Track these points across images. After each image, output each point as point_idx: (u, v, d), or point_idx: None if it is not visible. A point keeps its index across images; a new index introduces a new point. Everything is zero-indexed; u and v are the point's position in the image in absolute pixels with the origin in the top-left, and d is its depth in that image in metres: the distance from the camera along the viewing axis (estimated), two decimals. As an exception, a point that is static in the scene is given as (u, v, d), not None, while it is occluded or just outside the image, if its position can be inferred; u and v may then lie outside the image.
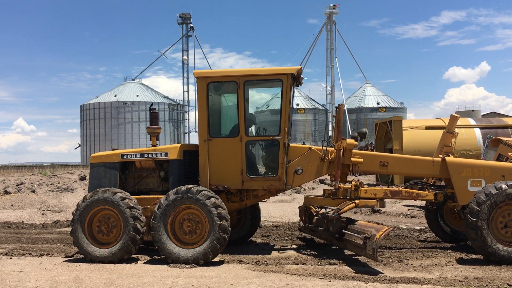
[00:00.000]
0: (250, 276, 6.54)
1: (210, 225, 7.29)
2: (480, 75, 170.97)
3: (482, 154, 16.56)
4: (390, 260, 7.41)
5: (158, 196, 8.02)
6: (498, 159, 9.74)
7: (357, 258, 7.61)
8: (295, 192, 18.95)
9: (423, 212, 12.81)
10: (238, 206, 8.40)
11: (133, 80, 65.35)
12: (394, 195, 8.09)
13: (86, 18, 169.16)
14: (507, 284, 5.96)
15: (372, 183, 20.01)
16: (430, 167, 8.23)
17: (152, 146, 8.84)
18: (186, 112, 65.71)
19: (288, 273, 6.66)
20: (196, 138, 8.26)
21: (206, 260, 7.23)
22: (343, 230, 7.65)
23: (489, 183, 7.51)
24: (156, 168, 8.44)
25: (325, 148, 8.25)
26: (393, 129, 19.41)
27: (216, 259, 7.45)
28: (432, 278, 6.28)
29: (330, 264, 7.19)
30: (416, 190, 8.30)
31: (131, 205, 7.53)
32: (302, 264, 7.23)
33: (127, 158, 8.39)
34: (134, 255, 7.78)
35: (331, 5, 63.44)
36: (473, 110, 55.59)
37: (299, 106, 59.74)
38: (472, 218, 7.16)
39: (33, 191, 18.32)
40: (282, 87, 7.93)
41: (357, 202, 7.76)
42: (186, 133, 65.41)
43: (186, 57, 64.66)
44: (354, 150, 8.26)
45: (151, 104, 10.36)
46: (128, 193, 7.79)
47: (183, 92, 65.54)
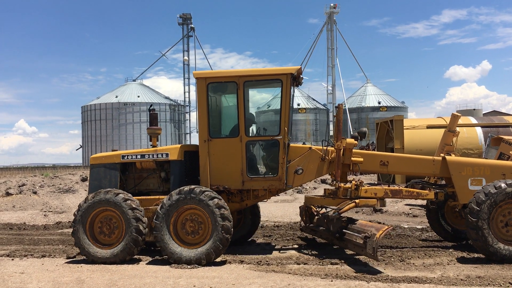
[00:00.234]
0: (252, 276, 6.55)
1: (213, 225, 7.30)
2: (481, 74, 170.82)
3: (483, 153, 16.54)
4: (392, 259, 7.41)
5: (159, 197, 8.02)
6: (499, 158, 9.73)
7: (358, 257, 7.61)
8: (297, 192, 18.95)
9: (425, 211, 12.82)
10: (238, 206, 8.41)
11: (134, 81, 65.35)
12: (395, 195, 8.09)
13: (86, 19, 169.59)
14: (509, 282, 5.96)
15: (373, 183, 20.00)
16: (431, 166, 8.23)
17: (152, 147, 8.86)
18: (187, 112, 65.72)
19: (290, 273, 6.67)
20: (197, 138, 8.27)
21: (209, 260, 7.24)
22: (344, 230, 7.66)
23: (489, 182, 7.49)
24: (157, 168, 8.45)
25: (325, 148, 8.25)
26: (394, 128, 19.37)
27: (218, 260, 7.45)
28: (434, 277, 6.28)
29: (331, 263, 7.19)
30: (416, 189, 8.30)
31: (134, 206, 7.53)
32: (304, 264, 7.24)
33: (128, 159, 8.40)
34: (136, 256, 7.79)
35: (332, 4, 63.32)
36: (474, 109, 55.49)
37: (300, 106, 59.72)
38: (472, 218, 7.16)
39: (34, 193, 18.36)
40: (281, 87, 7.94)
41: (357, 201, 7.78)
42: (187, 133, 65.44)
43: (186, 57, 64.67)
44: (354, 150, 8.26)
45: (151, 105, 10.36)
46: (130, 194, 7.80)
47: (184, 92, 65.60)
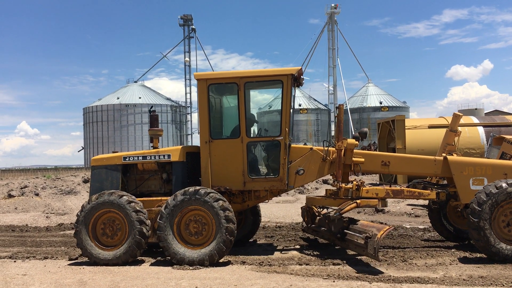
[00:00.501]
0: (253, 277, 6.54)
1: (217, 227, 7.31)
2: (482, 73, 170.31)
3: (485, 152, 16.52)
4: (394, 259, 7.40)
5: (162, 198, 8.03)
6: (501, 157, 9.69)
7: (360, 258, 7.60)
8: (298, 192, 18.95)
9: (427, 211, 12.80)
10: (240, 207, 8.42)
11: (135, 82, 65.48)
12: (396, 195, 8.08)
13: (88, 21, 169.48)
14: None
15: (375, 183, 19.98)
16: (432, 166, 8.22)
17: (153, 148, 8.87)
18: (188, 113, 65.81)
19: (291, 273, 6.66)
20: (198, 139, 8.28)
21: (212, 261, 7.25)
22: (345, 230, 7.65)
23: (491, 182, 7.47)
24: (158, 170, 8.46)
25: (326, 148, 8.25)
26: (396, 128, 19.36)
27: (220, 260, 7.45)
28: (436, 278, 6.26)
29: (333, 264, 7.18)
30: (418, 189, 8.29)
31: (138, 208, 7.53)
32: (306, 264, 7.23)
33: (129, 160, 8.41)
34: (138, 257, 7.79)
35: (333, 5, 63.36)
36: (476, 109, 55.40)
37: (302, 106, 59.73)
38: (474, 219, 7.14)
39: (37, 194, 18.41)
40: (282, 88, 7.94)
41: (358, 202, 7.76)
42: (188, 134, 65.51)
43: (188, 58, 64.77)
44: (355, 150, 8.25)
45: (151, 106, 10.39)
46: (134, 196, 7.80)
47: (186, 93, 65.69)
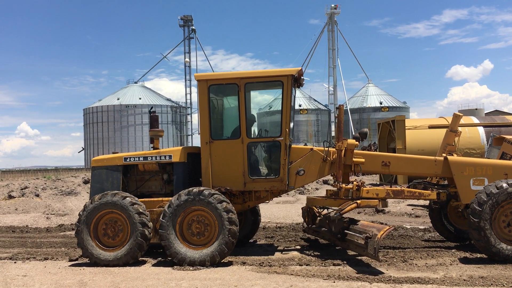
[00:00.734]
0: (254, 277, 6.54)
1: (219, 228, 7.32)
2: (483, 73, 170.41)
3: (485, 152, 16.51)
4: (395, 260, 7.39)
5: (163, 199, 8.04)
6: (501, 158, 9.69)
7: (360, 258, 7.60)
8: (299, 193, 18.94)
9: (427, 211, 12.79)
10: (240, 207, 8.42)
11: (135, 83, 65.48)
12: (396, 195, 8.07)
13: (88, 22, 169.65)
14: (512, 283, 5.94)
15: (375, 183, 19.97)
16: (432, 167, 8.22)
17: (153, 148, 8.87)
18: (189, 114, 65.81)
19: (292, 274, 6.66)
20: (199, 140, 8.28)
21: (213, 262, 7.26)
22: (345, 231, 7.65)
23: (492, 182, 7.47)
24: (159, 170, 8.47)
25: (326, 148, 8.25)
26: (396, 128, 19.37)
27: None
28: (436, 278, 6.26)
29: (334, 264, 7.18)
30: (418, 190, 8.28)
31: (140, 211, 7.53)
32: (306, 265, 7.23)
33: (130, 161, 8.41)
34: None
35: (333, 5, 63.36)
36: (476, 109, 55.40)
37: (302, 107, 59.69)
38: (474, 219, 7.13)
39: (37, 195, 18.42)
40: (282, 89, 7.95)
41: (359, 202, 7.76)
42: (189, 135, 65.53)
43: (188, 59, 64.77)
44: (356, 150, 8.25)
45: (151, 107, 10.40)
46: (136, 198, 7.80)
47: (186, 94, 65.67)
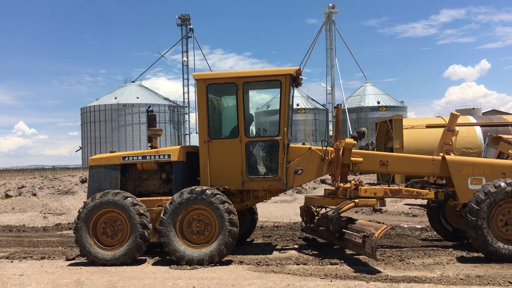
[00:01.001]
0: (251, 277, 6.54)
1: (220, 228, 7.32)
2: (480, 73, 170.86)
3: (482, 152, 16.54)
4: (392, 259, 7.40)
5: (162, 198, 8.03)
6: (498, 157, 9.70)
7: (358, 257, 7.60)
8: (296, 192, 18.94)
9: (424, 210, 12.81)
10: (239, 207, 8.41)
11: (133, 82, 65.36)
12: (394, 194, 8.09)
13: (86, 21, 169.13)
14: (509, 282, 5.96)
15: (373, 183, 20.00)
16: (430, 166, 8.23)
17: (151, 147, 8.86)
18: (186, 113, 65.74)
19: (289, 273, 6.66)
20: (196, 139, 8.28)
21: (211, 262, 7.26)
22: (343, 230, 7.66)
23: (489, 181, 7.48)
24: (157, 170, 8.45)
25: (325, 148, 8.26)
26: (393, 128, 19.36)
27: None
28: (433, 277, 6.27)
29: (331, 264, 7.18)
30: (416, 189, 8.29)
31: (141, 212, 7.52)
32: (303, 264, 7.23)
33: (129, 160, 8.39)
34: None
35: (330, 4, 63.33)
36: (473, 108, 55.57)
37: (300, 106, 59.72)
38: (472, 217, 7.15)
39: (34, 194, 18.36)
40: (281, 88, 7.95)
41: (356, 201, 7.77)
42: (186, 134, 65.48)
43: (186, 58, 64.71)
44: (354, 150, 8.26)
45: (149, 106, 10.40)
46: (137, 198, 7.77)
47: (183, 93, 65.60)
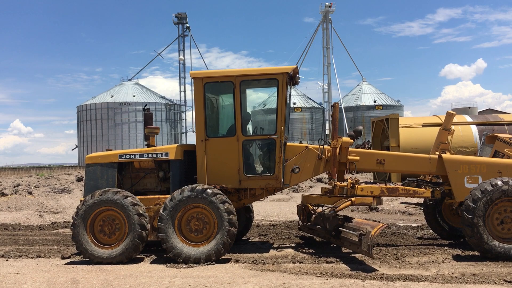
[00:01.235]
0: (247, 275, 6.54)
1: (218, 228, 7.34)
2: (476, 72, 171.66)
3: (478, 151, 16.60)
4: (387, 257, 7.42)
5: (159, 196, 8.02)
6: (494, 156, 9.74)
7: (354, 256, 7.62)
8: (293, 190, 18.95)
9: (420, 209, 12.85)
10: (236, 205, 8.40)
11: (129, 80, 65.13)
12: (391, 193, 8.10)
13: (82, 19, 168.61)
14: (504, 280, 5.98)
15: (369, 181, 20.04)
16: (427, 164, 8.25)
17: (148, 146, 8.83)
18: (183, 112, 65.64)
19: (285, 272, 6.66)
20: (193, 138, 8.26)
21: (208, 261, 7.28)
22: (340, 228, 7.67)
23: (486, 180, 7.52)
24: (155, 168, 8.43)
25: (321, 146, 8.26)
26: (389, 126, 19.39)
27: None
28: (429, 275, 6.29)
29: (327, 262, 7.19)
30: (413, 188, 8.31)
31: (140, 212, 7.51)
32: (299, 262, 7.24)
33: (126, 158, 8.36)
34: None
35: (327, 3, 63.32)
36: (469, 107, 55.73)
37: (296, 105, 59.74)
38: (468, 215, 7.18)
39: (30, 193, 18.28)
40: (278, 87, 7.95)
41: (353, 199, 7.78)
42: (183, 133, 65.35)
43: (182, 57, 64.54)
44: (350, 148, 8.27)
45: (145, 104, 10.37)
46: (137, 198, 7.74)
47: (180, 92, 65.49)
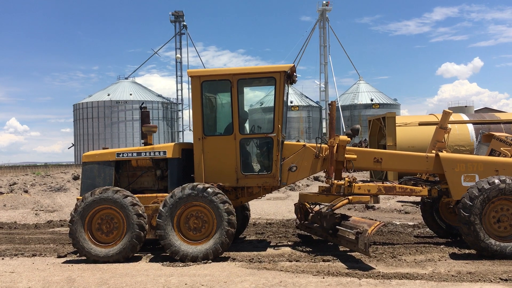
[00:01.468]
0: (243, 273, 6.53)
1: (217, 227, 7.33)
2: (473, 71, 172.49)
3: (474, 149, 16.65)
4: (384, 255, 7.43)
5: (157, 194, 7.99)
6: (490, 154, 9.77)
7: (351, 254, 7.62)
8: (289, 189, 18.94)
9: (417, 207, 12.87)
10: (233, 204, 8.33)
11: (126, 79, 64.96)
12: (388, 191, 8.11)
13: (79, 17, 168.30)
14: (500, 278, 5.99)
15: (366, 180, 20.06)
16: (424, 163, 8.26)
17: (145, 144, 8.79)
18: (180, 110, 65.50)
19: (281, 270, 6.66)
20: (190, 136, 8.24)
21: (205, 259, 7.26)
22: (337, 226, 7.66)
23: (482, 178, 7.52)
24: (152, 166, 8.39)
25: (319, 145, 8.26)
26: (386, 125, 19.43)
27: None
28: (425, 274, 6.30)
29: (323, 260, 7.19)
30: (410, 186, 8.31)
31: (140, 212, 7.49)
32: (296, 261, 7.23)
33: (123, 156, 8.33)
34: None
35: (324, 2, 63.27)
36: (466, 106, 55.88)
37: (293, 104, 59.76)
38: (465, 213, 7.19)
39: (26, 191, 18.19)
40: (275, 85, 7.93)
41: (350, 198, 7.78)
42: (180, 131, 65.27)
43: (179, 55, 64.39)
44: (348, 147, 8.27)
45: (142, 103, 10.33)
46: (137, 198, 7.71)
47: (177, 90, 65.32)
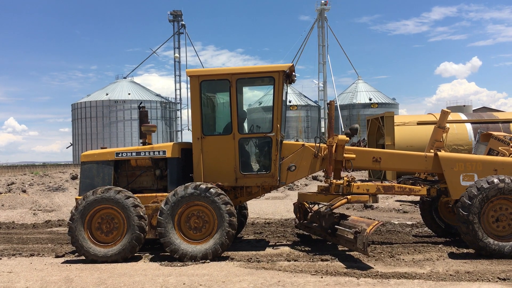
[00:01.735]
0: (242, 273, 6.52)
1: (218, 228, 7.34)
2: (471, 70, 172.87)
3: (473, 148, 16.67)
4: (382, 255, 7.42)
5: (156, 194, 7.98)
6: (488, 154, 9.79)
7: (349, 253, 7.62)
8: (288, 189, 18.94)
9: (415, 207, 12.88)
10: (232, 203, 8.38)
11: (124, 78, 64.89)
12: (387, 191, 8.11)
13: (77, 17, 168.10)
14: (498, 277, 5.99)
15: (364, 179, 20.07)
16: (423, 162, 8.26)
17: (144, 144, 8.77)
18: (178, 110, 65.47)
19: (280, 270, 6.65)
20: (188, 136, 8.23)
21: (204, 259, 7.26)
22: (336, 226, 7.66)
23: (481, 177, 7.53)
24: (151, 166, 8.37)
25: (318, 144, 8.25)
26: (385, 124, 19.44)
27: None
28: (423, 273, 6.30)
29: (322, 260, 7.19)
30: (409, 185, 8.32)
31: (141, 214, 7.48)
32: (294, 260, 7.23)
33: (122, 156, 8.31)
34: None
35: (323, 1, 63.27)
36: (464, 105, 55.87)
37: (292, 103, 59.75)
38: (463, 212, 7.19)
39: (24, 191, 18.16)
40: (274, 85, 7.93)
41: (349, 197, 7.78)
42: (178, 131, 65.20)
43: (178, 54, 64.38)
44: (346, 146, 8.26)
45: (141, 102, 10.31)
46: (138, 199, 7.69)
47: (175, 90, 65.35)
